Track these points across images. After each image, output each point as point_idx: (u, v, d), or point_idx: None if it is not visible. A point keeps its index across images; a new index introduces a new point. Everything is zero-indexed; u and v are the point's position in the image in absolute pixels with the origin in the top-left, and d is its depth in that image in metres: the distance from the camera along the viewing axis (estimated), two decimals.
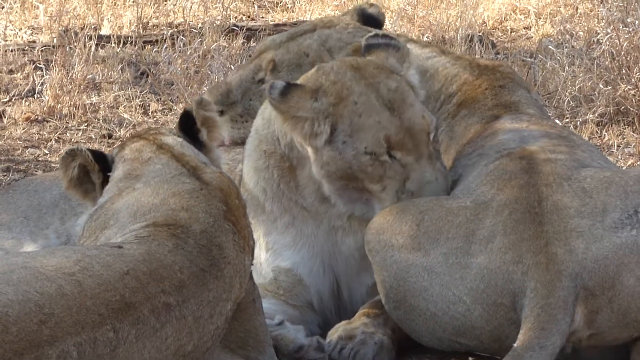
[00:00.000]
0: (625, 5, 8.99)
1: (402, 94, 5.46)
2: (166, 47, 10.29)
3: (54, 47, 10.38)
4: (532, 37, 10.97)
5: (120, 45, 10.48)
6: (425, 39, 9.73)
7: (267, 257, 5.62)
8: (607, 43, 8.98)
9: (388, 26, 9.43)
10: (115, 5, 11.59)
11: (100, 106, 9.31)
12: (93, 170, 5.15)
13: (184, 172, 5.06)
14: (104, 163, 5.16)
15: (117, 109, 9.32)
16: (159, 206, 4.92)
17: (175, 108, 9.27)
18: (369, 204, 5.48)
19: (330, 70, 5.52)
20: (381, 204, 5.43)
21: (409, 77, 5.60)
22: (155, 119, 9.21)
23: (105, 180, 5.16)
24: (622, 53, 8.87)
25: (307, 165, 5.51)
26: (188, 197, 4.95)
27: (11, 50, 10.41)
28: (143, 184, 5.04)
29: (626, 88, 8.77)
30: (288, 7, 12.16)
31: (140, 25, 11.25)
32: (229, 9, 11.71)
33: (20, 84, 9.76)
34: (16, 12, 11.46)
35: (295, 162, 5.56)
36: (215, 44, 10.28)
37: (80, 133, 8.91)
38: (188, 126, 5.28)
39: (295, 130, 5.43)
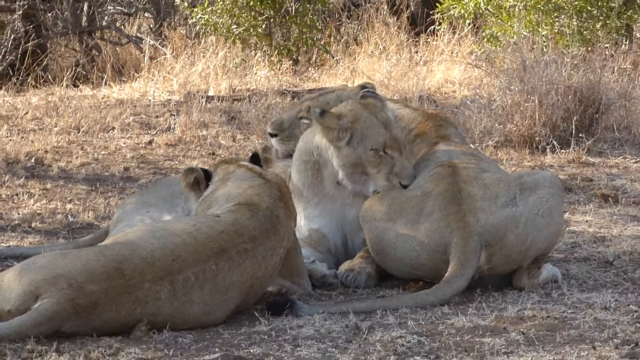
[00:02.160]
0: (508, 79, 8.94)
1: (389, 119, 5.41)
2: (245, 102, 10.29)
3: (181, 102, 10.40)
4: (457, 97, 10.91)
5: (219, 101, 10.48)
6: (395, 97, 9.71)
7: (304, 222, 5.52)
8: (499, 100, 8.93)
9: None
10: (216, 78, 11.60)
11: (208, 137, 9.26)
12: (202, 182, 5.13)
13: (255, 176, 5.03)
14: (207, 177, 5.14)
15: (217, 138, 9.28)
16: (241, 194, 4.89)
17: (251, 137, 9.24)
18: (366, 184, 5.37)
19: (347, 104, 5.45)
20: (375, 182, 5.33)
21: (387, 112, 5.54)
22: (239, 144, 9.19)
23: (207, 185, 5.14)
24: (508, 106, 8.83)
25: (328, 166, 5.41)
26: (258, 188, 4.92)
27: (156, 105, 10.44)
28: (231, 182, 5.01)
29: (510, 127, 8.73)
30: (315, 79, 12.17)
31: (231, 89, 11.27)
32: (281, 81, 11.73)
33: (162, 124, 9.73)
34: (160, 82, 11.48)
35: (322, 164, 5.45)
36: (274, 100, 10.25)
37: (196, 152, 8.90)
38: (255, 161, 5.25)
39: (327, 136, 5.33)
